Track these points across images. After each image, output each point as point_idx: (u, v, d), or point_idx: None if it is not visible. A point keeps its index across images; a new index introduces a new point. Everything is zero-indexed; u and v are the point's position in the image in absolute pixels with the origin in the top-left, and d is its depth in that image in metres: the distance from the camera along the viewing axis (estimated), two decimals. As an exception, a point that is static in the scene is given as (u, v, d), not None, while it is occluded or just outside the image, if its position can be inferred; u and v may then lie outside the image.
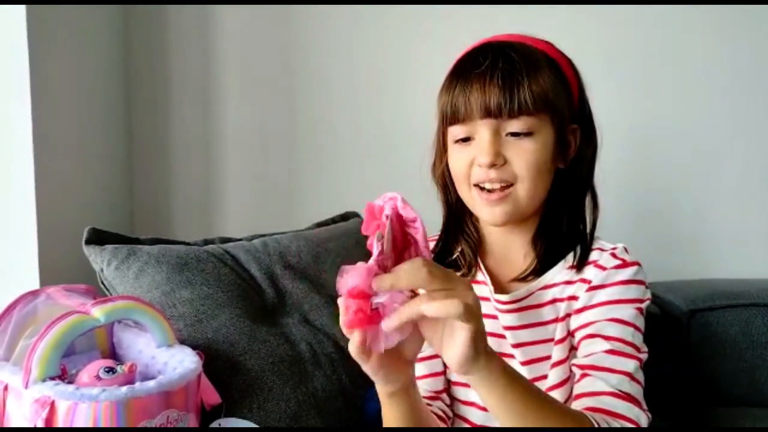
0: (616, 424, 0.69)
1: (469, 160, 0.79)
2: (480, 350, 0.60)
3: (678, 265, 1.46)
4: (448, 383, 0.89)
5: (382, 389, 0.70)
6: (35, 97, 1.12)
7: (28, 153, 1.13)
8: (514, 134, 0.77)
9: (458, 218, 0.89)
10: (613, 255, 0.81)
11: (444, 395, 0.88)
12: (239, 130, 1.53)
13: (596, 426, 0.67)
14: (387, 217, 0.61)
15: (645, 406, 0.74)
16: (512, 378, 0.65)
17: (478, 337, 0.60)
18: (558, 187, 0.83)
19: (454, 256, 0.88)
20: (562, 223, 0.83)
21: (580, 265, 0.82)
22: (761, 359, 1.24)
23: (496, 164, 0.77)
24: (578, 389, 0.75)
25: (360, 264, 0.59)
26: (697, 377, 1.25)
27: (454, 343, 0.60)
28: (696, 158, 1.47)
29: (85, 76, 1.34)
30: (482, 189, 0.79)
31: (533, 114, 0.76)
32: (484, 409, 0.84)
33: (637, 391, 0.74)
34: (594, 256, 0.82)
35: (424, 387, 0.87)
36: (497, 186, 0.78)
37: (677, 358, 1.25)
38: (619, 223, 1.40)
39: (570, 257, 0.83)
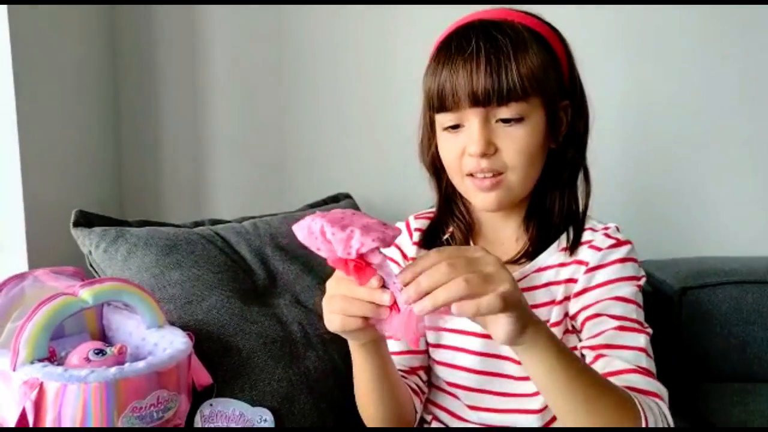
0: (651, 402, 0.69)
1: (460, 150, 0.77)
2: (525, 324, 0.60)
3: (670, 244, 1.46)
4: (428, 361, 0.89)
5: (353, 341, 0.72)
6: (18, 79, 1.11)
7: (12, 134, 1.11)
8: (505, 120, 0.75)
9: (450, 201, 0.88)
10: (606, 235, 0.81)
11: (421, 372, 0.88)
12: (229, 111, 1.52)
13: (639, 406, 0.66)
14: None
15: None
16: (560, 350, 0.63)
17: (520, 315, 0.59)
18: (550, 167, 0.81)
19: (445, 237, 0.87)
20: (554, 205, 0.82)
21: (573, 247, 0.81)
22: (751, 336, 1.25)
23: (487, 154, 0.75)
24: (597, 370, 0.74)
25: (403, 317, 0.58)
26: (688, 354, 1.26)
27: (497, 323, 0.59)
28: (689, 137, 1.47)
29: (72, 57, 1.31)
30: (474, 176, 0.78)
31: (523, 99, 0.73)
32: (470, 389, 0.84)
33: (652, 365, 0.74)
34: (586, 236, 0.82)
35: (400, 362, 0.87)
36: (489, 175, 0.77)
37: (668, 336, 1.26)
38: (611, 202, 1.40)
39: (562, 239, 0.82)
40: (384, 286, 0.59)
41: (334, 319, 0.63)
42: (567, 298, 0.80)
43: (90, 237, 1.04)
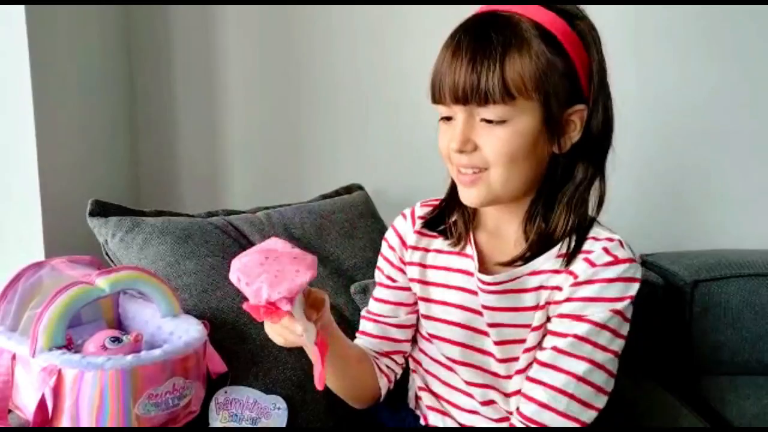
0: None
1: (449, 141, 0.76)
2: None
3: (682, 236, 1.46)
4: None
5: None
6: (35, 71, 1.12)
7: (29, 125, 1.12)
8: (488, 120, 0.73)
9: (457, 190, 0.86)
10: (606, 249, 0.76)
11: (395, 356, 0.91)
12: (243, 103, 1.52)
13: None
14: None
15: (596, 404, 0.75)
16: None
17: None
18: (560, 172, 0.78)
19: (446, 225, 0.86)
20: (560, 214, 0.78)
21: (571, 257, 0.77)
22: (764, 329, 1.24)
23: (464, 150, 0.74)
24: (526, 389, 0.77)
25: None
26: (700, 347, 1.26)
27: None
28: (703, 129, 1.46)
29: (87, 50, 1.33)
30: (459, 170, 0.77)
31: (504, 102, 0.71)
32: (466, 410, 0.85)
33: (584, 392, 0.74)
34: (586, 246, 0.78)
35: (370, 345, 0.91)
36: (469, 171, 0.76)
37: (681, 328, 1.26)
38: (625, 195, 1.39)
39: (563, 245, 0.78)
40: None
41: (279, 340, 0.74)
42: (549, 304, 0.79)
43: (106, 226, 1.05)
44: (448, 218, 0.86)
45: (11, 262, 0.98)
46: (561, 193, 0.78)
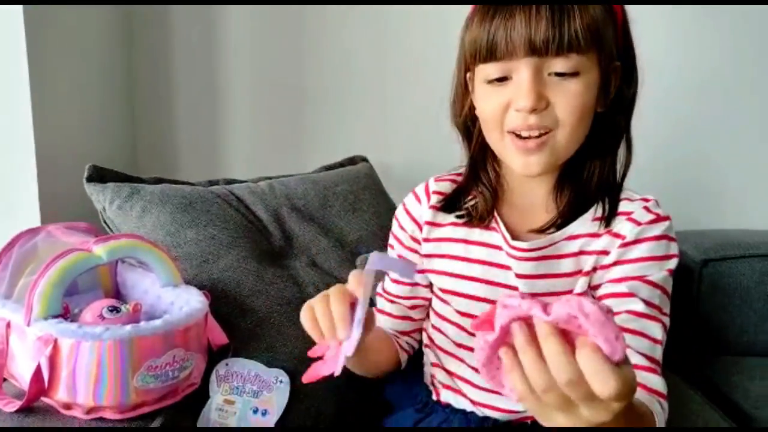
0: (659, 407, 0.67)
1: (504, 104, 0.71)
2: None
3: (693, 215, 1.44)
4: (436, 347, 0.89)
5: None
6: (30, 33, 1.07)
7: (25, 88, 1.09)
8: (559, 74, 0.69)
9: (478, 165, 0.82)
10: (647, 209, 0.75)
11: (413, 334, 0.92)
12: (245, 70, 1.49)
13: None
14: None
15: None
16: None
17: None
18: (594, 132, 0.75)
19: (467, 204, 0.82)
20: (593, 174, 0.77)
21: (609, 218, 0.76)
22: (772, 310, 1.23)
23: (537, 108, 0.69)
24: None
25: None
26: (706, 326, 1.25)
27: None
28: (718, 109, 1.44)
29: (86, 15, 1.28)
30: (518, 136, 0.72)
31: (582, 51, 0.68)
32: (479, 387, 0.82)
33: (661, 357, 0.71)
34: (623, 207, 0.76)
35: (390, 326, 0.91)
36: (535, 133, 0.71)
37: (688, 307, 1.25)
38: (636, 171, 1.37)
39: (596, 208, 0.77)
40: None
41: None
42: (595, 269, 0.76)
43: (104, 193, 1.02)
44: (465, 200, 0.83)
45: (6, 228, 0.95)
46: (594, 155, 0.76)
